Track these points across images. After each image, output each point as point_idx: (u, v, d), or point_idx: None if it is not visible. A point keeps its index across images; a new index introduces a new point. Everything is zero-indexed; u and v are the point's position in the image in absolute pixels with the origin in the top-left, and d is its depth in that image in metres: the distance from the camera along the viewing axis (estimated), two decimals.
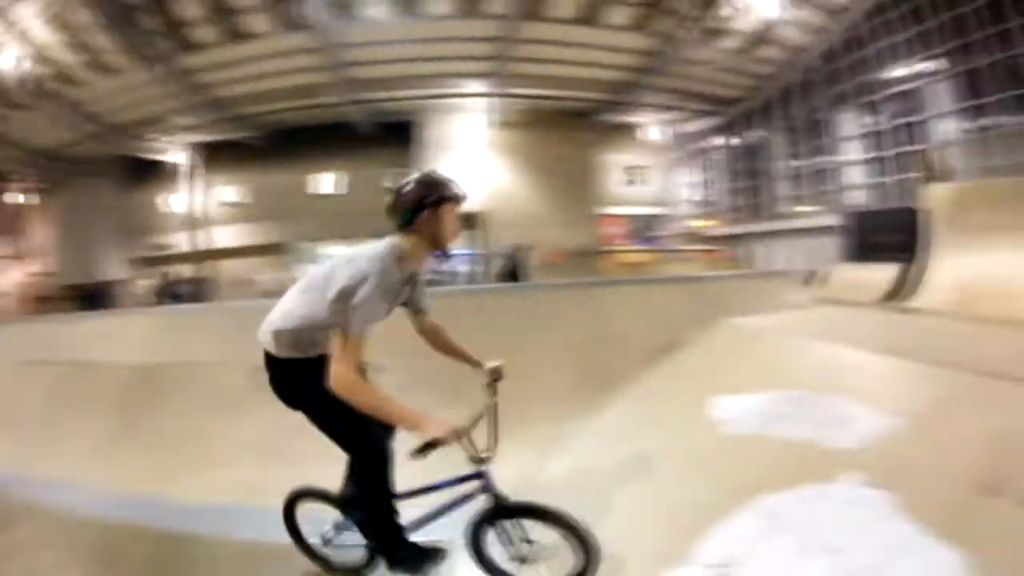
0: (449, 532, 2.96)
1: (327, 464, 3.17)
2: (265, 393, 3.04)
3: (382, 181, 26.79)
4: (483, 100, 24.85)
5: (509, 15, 18.64)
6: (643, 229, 31.76)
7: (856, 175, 21.14)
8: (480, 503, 2.79)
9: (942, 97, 17.89)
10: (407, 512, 2.92)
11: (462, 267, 27.61)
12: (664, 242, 31.20)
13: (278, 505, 3.42)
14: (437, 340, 3.10)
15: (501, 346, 3.81)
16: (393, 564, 2.82)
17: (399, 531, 2.82)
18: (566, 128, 27.50)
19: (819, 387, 4.69)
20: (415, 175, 2.90)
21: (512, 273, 17.75)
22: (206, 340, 6.43)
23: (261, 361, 2.92)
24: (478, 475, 2.77)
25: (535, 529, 2.81)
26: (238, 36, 19.11)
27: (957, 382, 4.36)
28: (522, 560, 2.80)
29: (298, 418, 2.92)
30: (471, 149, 26.30)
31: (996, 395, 3.95)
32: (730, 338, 6.53)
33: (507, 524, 2.81)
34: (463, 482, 2.81)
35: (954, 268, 15.47)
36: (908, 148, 18.46)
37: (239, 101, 22.94)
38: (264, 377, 2.84)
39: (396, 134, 26.40)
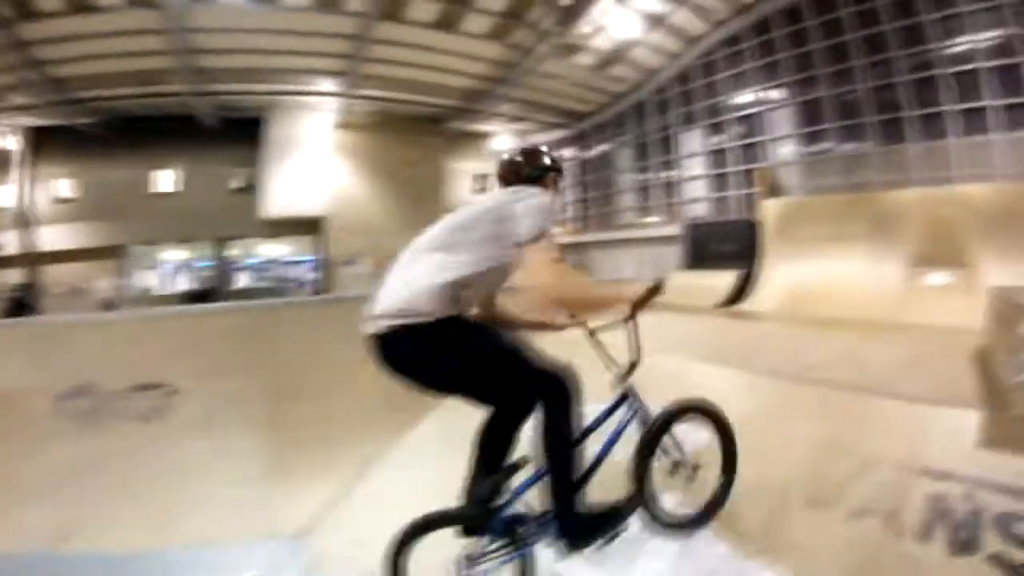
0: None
1: (158, 497, 2.56)
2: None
3: (227, 181, 25.02)
4: (333, 100, 24.40)
5: (367, 13, 17.96)
6: None
7: (700, 189, 22.59)
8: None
9: (782, 122, 20.54)
10: None
11: (309, 274, 26.35)
12: None
13: (94, 551, 2.81)
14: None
15: None
16: (573, 540, 2.51)
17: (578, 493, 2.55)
18: (415, 134, 27.59)
19: None
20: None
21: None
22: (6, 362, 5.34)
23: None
24: (624, 397, 2.80)
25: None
26: (83, 7, 17.18)
27: (780, 390, 4.40)
28: (694, 469, 2.91)
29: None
30: (317, 150, 25.58)
31: (819, 403, 4.01)
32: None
33: (667, 441, 2.84)
34: (615, 410, 2.81)
35: (784, 275, 17.24)
36: (748, 166, 19.96)
37: (79, 82, 20.78)
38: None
39: (243, 131, 25.09)
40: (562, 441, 2.53)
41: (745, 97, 21.38)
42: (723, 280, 18.19)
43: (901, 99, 17.73)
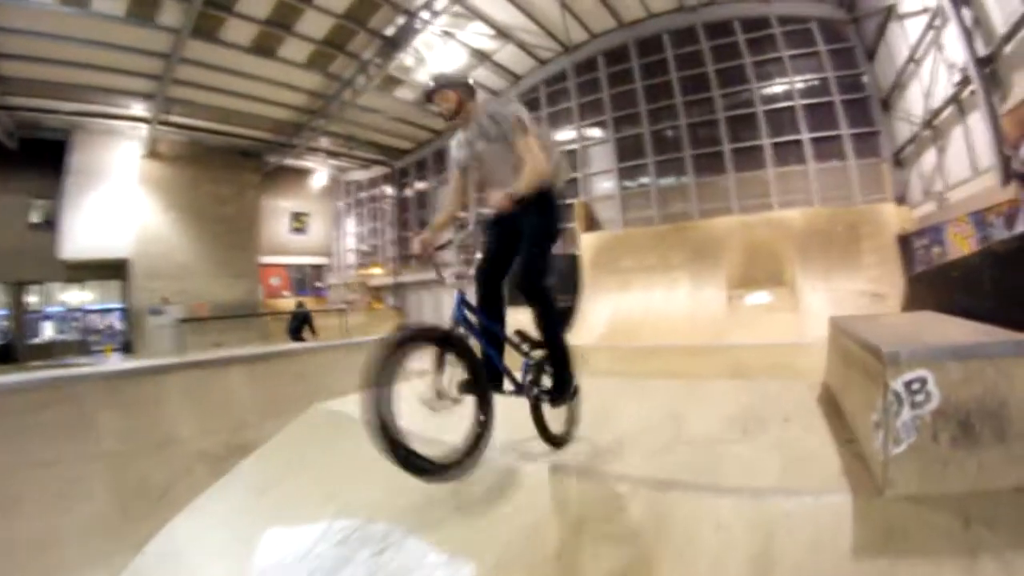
0: None
1: None
2: None
3: (26, 214, 20.46)
4: (141, 126, 20.97)
5: (179, 30, 15.60)
6: (307, 279, 30.57)
7: None
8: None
9: (602, 158, 19.62)
10: None
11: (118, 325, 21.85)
12: (329, 292, 30.19)
13: None
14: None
15: None
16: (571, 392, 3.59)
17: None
18: (228, 167, 24.56)
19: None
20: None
21: None
22: None
23: None
24: None
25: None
26: None
27: None
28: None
29: None
30: (123, 183, 21.87)
31: None
32: (317, 429, 4.78)
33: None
34: None
35: (605, 307, 15.63)
36: (568, 201, 18.84)
37: None
38: None
39: (44, 156, 20.70)
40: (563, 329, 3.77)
41: (566, 133, 20.56)
42: None
43: (719, 134, 17.56)
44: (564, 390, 3.50)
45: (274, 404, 5.54)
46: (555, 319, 3.50)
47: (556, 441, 3.66)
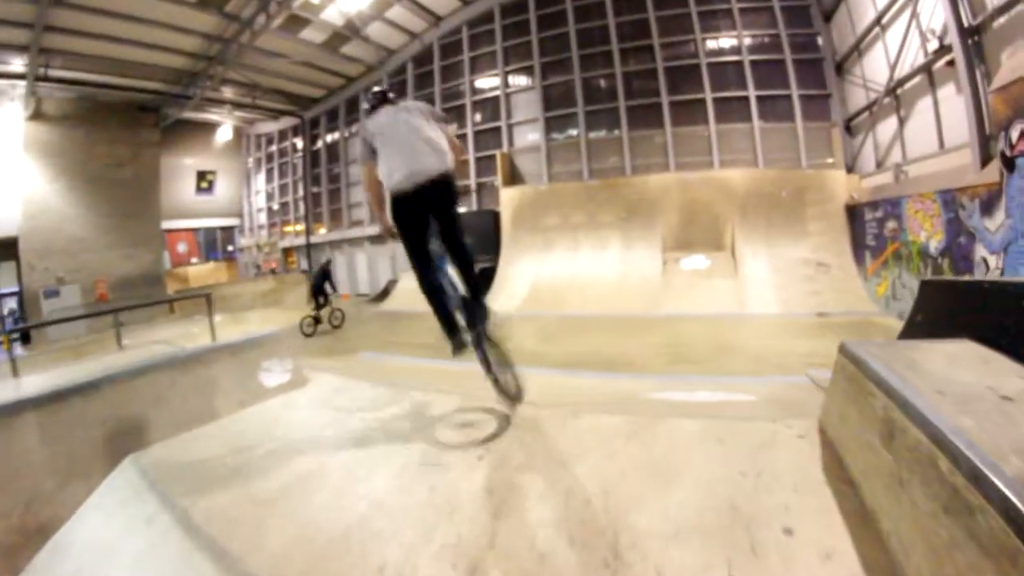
0: None
1: None
2: None
3: None
4: (20, 84, 17.66)
5: None
6: (216, 243, 28.33)
7: None
8: None
9: (526, 106, 17.55)
10: None
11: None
12: (240, 255, 27.99)
13: None
14: None
15: None
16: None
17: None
18: (124, 125, 21.48)
19: None
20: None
21: None
22: None
23: None
24: None
25: None
26: None
27: None
28: None
29: None
30: (4, 149, 18.62)
31: None
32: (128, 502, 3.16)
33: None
34: None
35: (527, 269, 13.85)
36: (488, 153, 16.63)
37: None
38: None
39: None
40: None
41: (488, 80, 18.52)
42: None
43: (658, 85, 15.99)
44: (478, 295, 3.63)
45: (80, 458, 3.86)
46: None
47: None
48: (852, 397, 2.50)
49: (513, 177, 16.81)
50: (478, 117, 18.41)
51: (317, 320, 13.07)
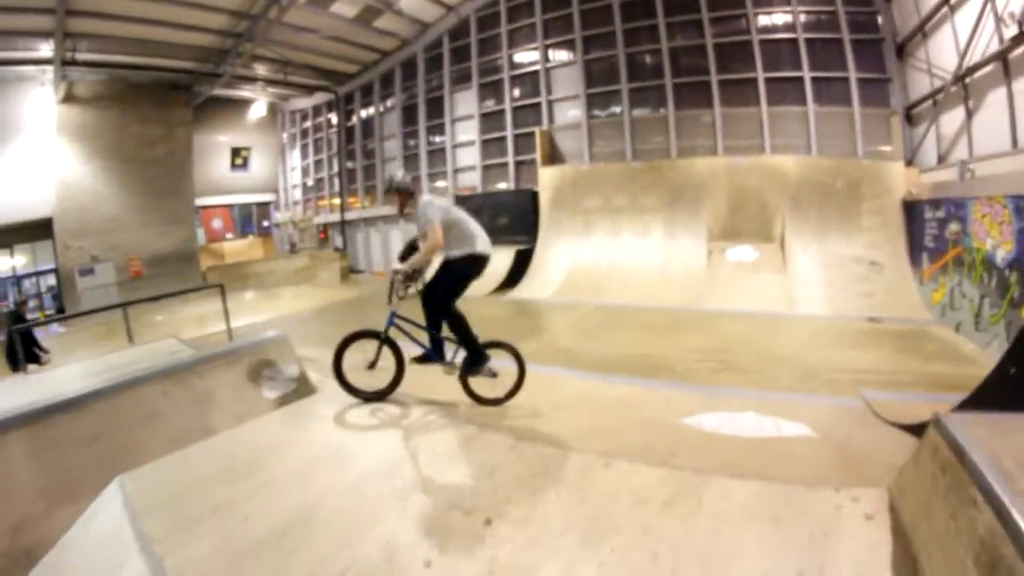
0: None
1: None
2: None
3: None
4: (49, 69, 17.73)
5: None
6: (252, 218, 28.32)
7: (473, 156, 19.30)
8: None
9: (567, 82, 17.03)
10: None
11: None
12: (276, 231, 27.91)
13: None
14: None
15: None
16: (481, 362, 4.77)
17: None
18: (156, 105, 21.54)
19: None
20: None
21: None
22: None
23: None
24: None
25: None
26: None
27: None
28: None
29: None
30: (39, 134, 18.86)
31: None
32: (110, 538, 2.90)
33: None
34: None
35: (565, 253, 13.52)
36: (527, 130, 16.15)
37: None
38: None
39: None
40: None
41: (527, 55, 17.80)
42: (502, 260, 14.56)
43: (707, 63, 15.12)
44: (476, 361, 4.68)
45: (67, 480, 3.64)
46: (458, 325, 4.60)
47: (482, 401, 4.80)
48: (943, 492, 1.98)
49: (553, 156, 16.22)
50: (516, 92, 17.76)
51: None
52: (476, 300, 13.33)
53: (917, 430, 3.98)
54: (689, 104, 15.19)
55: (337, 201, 24.73)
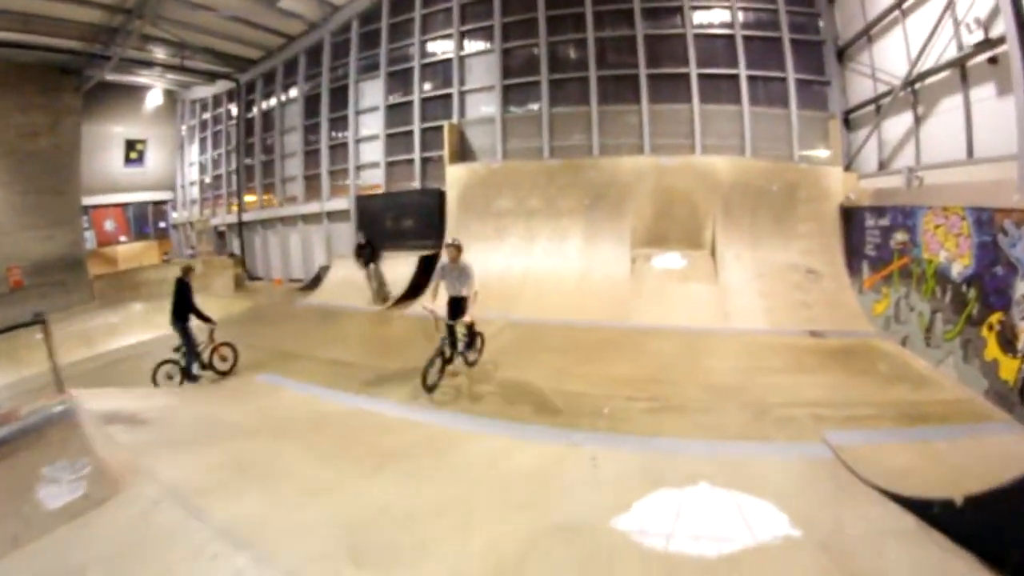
0: None
1: None
2: None
3: None
4: None
5: None
6: (148, 219, 26.12)
7: (378, 152, 16.88)
8: None
9: (481, 72, 15.41)
10: None
11: None
12: (172, 234, 25.87)
13: None
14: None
15: None
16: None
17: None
18: (42, 91, 18.93)
19: None
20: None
21: None
22: None
23: None
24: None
25: None
26: None
27: None
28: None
29: None
30: None
31: None
32: None
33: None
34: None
35: (471, 260, 11.42)
36: (437, 124, 15.17)
37: None
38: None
39: None
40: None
41: (441, 43, 16.15)
42: (401, 267, 13.36)
43: (636, 56, 13.88)
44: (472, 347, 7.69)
45: None
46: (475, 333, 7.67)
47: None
48: None
49: (463, 152, 14.57)
50: (428, 85, 16.00)
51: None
52: (372, 315, 11.68)
53: (914, 506, 3.62)
54: (615, 99, 13.86)
55: (235, 202, 22.36)
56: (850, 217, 10.89)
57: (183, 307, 8.07)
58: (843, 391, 6.39)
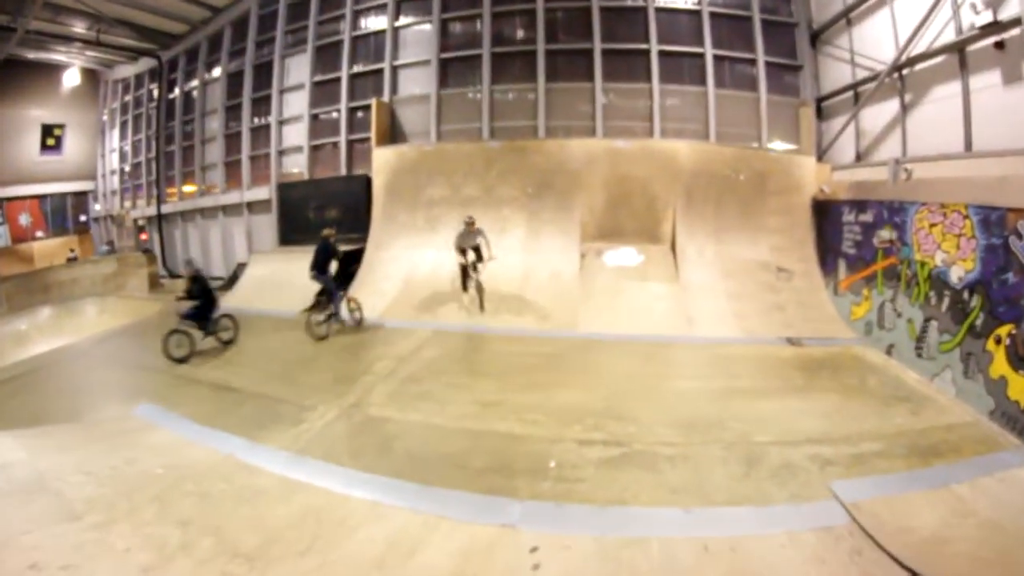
0: None
1: None
2: None
3: None
4: None
5: None
6: (66, 212, 24.23)
7: (302, 135, 15.48)
8: None
9: (416, 45, 13.91)
10: None
11: None
12: (93, 228, 24.00)
13: None
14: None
15: None
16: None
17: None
18: None
19: None
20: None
21: None
22: None
23: None
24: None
25: None
26: None
27: None
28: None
29: None
30: None
31: None
32: None
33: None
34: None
35: (398, 256, 10.23)
36: (365, 103, 13.95)
37: None
38: None
39: None
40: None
41: (375, 16, 14.39)
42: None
43: (590, 27, 12.47)
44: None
45: None
46: None
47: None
48: None
49: (394, 134, 12.93)
50: (358, 61, 14.25)
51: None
52: (284, 321, 9.90)
53: None
54: (565, 76, 12.49)
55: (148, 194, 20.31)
56: (824, 211, 10.00)
57: (324, 262, 9.27)
58: (840, 419, 5.33)
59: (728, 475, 4.19)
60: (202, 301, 8.57)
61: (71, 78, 21.87)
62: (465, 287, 9.28)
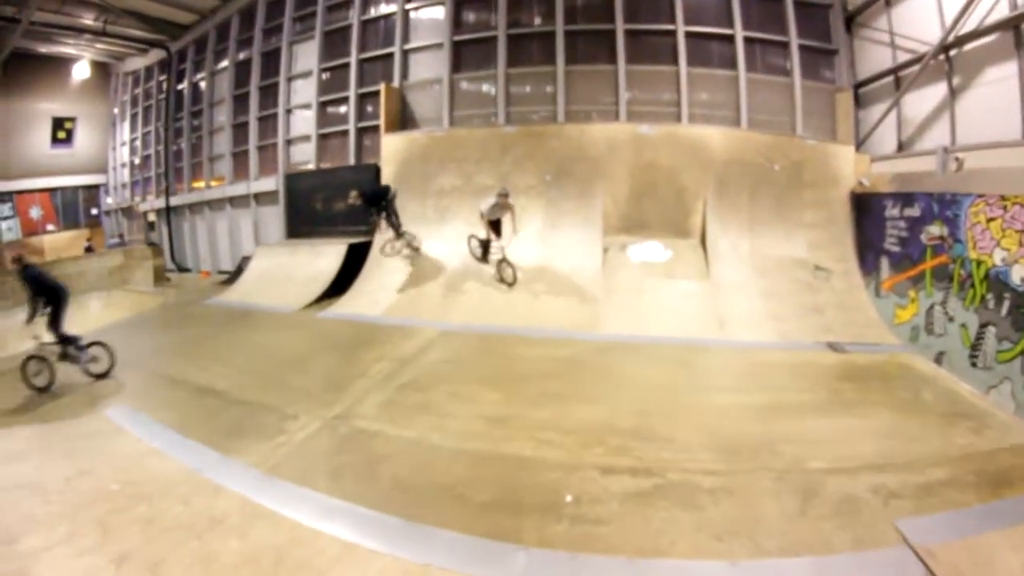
0: None
1: None
2: None
3: None
4: None
5: None
6: (78, 206, 24.05)
7: (310, 124, 14.91)
8: None
9: (427, 28, 13.19)
10: None
11: None
12: (105, 221, 23.76)
13: None
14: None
15: None
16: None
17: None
18: None
19: None
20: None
21: None
22: None
23: None
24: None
25: None
26: None
27: None
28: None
29: None
30: None
31: None
32: None
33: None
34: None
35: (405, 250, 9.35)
36: (374, 88, 13.18)
37: None
38: None
39: None
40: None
41: (384, 1, 13.75)
42: (327, 260, 11.05)
43: (612, 6, 11.69)
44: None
45: None
46: None
47: None
48: None
49: (404, 120, 12.29)
50: (368, 45, 13.60)
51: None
52: (284, 318, 9.34)
53: None
54: (586, 58, 11.70)
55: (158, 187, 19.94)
56: (864, 205, 9.31)
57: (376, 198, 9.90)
58: (900, 441, 4.59)
59: (781, 514, 3.47)
60: (52, 308, 6.79)
61: (81, 71, 21.72)
62: (486, 259, 9.17)
